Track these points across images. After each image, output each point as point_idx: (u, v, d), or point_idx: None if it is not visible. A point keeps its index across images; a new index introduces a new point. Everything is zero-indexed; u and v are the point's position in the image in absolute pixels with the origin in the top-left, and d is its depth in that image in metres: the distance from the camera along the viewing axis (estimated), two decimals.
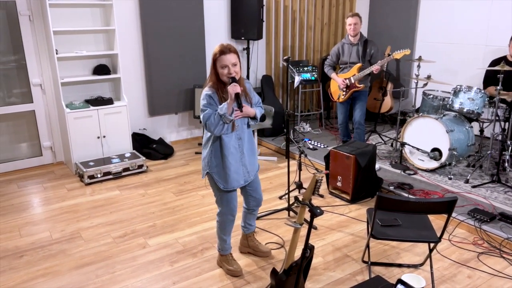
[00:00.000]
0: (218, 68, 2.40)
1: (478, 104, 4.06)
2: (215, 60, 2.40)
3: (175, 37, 5.15)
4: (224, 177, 2.56)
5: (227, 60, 2.36)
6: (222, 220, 2.71)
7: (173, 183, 4.32)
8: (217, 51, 2.39)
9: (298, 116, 6.19)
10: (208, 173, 2.60)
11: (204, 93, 2.44)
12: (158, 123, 5.41)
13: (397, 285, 1.28)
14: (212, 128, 2.35)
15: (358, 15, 4.60)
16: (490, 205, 3.57)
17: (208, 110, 2.37)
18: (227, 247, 2.81)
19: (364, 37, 4.71)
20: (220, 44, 2.42)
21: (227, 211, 2.68)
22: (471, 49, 5.27)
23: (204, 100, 2.41)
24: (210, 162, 2.56)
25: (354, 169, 3.78)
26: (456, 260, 2.96)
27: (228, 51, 2.37)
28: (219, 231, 2.76)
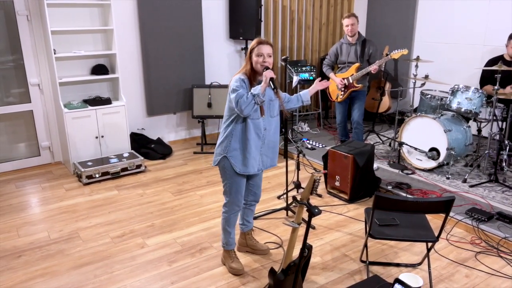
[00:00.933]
0: (254, 56, 2.50)
1: (476, 104, 4.07)
2: (252, 50, 2.51)
3: (173, 36, 5.15)
4: (242, 161, 2.60)
5: (264, 50, 2.48)
6: (229, 210, 2.74)
7: (171, 183, 4.32)
8: (255, 41, 2.52)
9: (296, 116, 6.19)
10: (223, 158, 2.61)
11: (236, 76, 2.54)
12: (156, 123, 5.40)
13: (395, 285, 1.28)
14: (243, 107, 2.41)
15: (354, 16, 4.62)
16: (488, 204, 3.58)
17: (241, 90, 2.46)
18: (232, 241, 2.83)
19: (362, 37, 4.72)
20: (257, 38, 2.57)
21: (235, 201, 2.71)
22: (469, 49, 5.28)
23: (237, 82, 2.49)
24: (228, 146, 2.58)
25: (352, 168, 3.78)
26: (454, 259, 2.96)
27: (266, 42, 2.51)
28: (224, 223, 2.78)
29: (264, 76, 2.42)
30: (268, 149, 2.70)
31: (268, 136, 2.67)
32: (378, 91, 5.88)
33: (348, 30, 4.61)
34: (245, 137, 2.57)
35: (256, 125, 2.58)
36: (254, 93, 2.39)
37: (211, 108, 5.26)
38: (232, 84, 2.51)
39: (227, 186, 2.70)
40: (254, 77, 2.55)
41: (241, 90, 2.45)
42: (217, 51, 5.67)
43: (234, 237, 2.85)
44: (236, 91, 2.44)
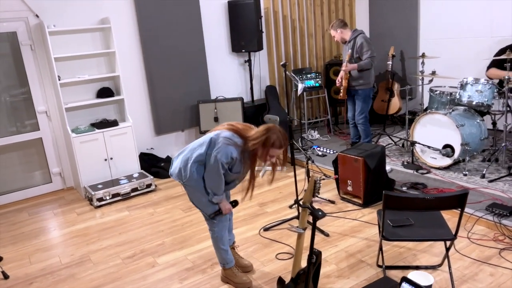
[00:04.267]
0: (265, 152, 2.40)
1: (487, 96, 3.94)
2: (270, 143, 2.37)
3: (176, 54, 5.17)
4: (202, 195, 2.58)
5: (277, 153, 2.43)
6: (219, 229, 2.65)
7: (182, 200, 4.28)
8: (278, 144, 2.38)
9: (305, 123, 6.12)
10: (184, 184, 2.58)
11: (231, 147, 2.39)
12: (165, 142, 5.40)
13: (402, 283, 1.19)
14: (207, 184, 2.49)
15: (333, 27, 4.71)
16: (509, 198, 3.42)
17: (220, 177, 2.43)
18: (230, 258, 2.74)
19: (356, 33, 4.66)
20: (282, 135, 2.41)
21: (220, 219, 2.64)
22: (476, 42, 5.15)
23: (226, 159, 2.38)
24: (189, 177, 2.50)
25: (364, 171, 3.68)
26: (477, 258, 2.81)
27: (282, 146, 2.41)
28: (217, 243, 2.69)
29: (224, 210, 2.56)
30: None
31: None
32: (387, 93, 5.77)
33: (336, 40, 4.81)
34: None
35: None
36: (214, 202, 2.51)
37: (218, 122, 5.23)
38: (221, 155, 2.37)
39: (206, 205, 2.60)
40: (255, 160, 2.45)
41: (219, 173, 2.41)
42: (221, 65, 5.67)
43: (231, 253, 2.77)
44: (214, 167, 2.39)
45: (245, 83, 5.93)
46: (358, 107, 4.77)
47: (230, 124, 2.53)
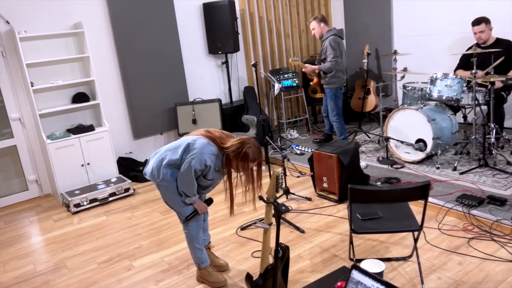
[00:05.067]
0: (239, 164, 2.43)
1: (456, 90, 4.03)
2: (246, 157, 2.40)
3: (152, 58, 5.17)
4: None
5: (251, 165, 2.46)
6: (192, 228, 2.66)
7: (161, 203, 4.27)
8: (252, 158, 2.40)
9: (284, 123, 6.17)
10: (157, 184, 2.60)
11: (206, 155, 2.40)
12: (144, 145, 5.38)
13: (352, 271, 1.22)
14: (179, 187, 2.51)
15: (314, 19, 4.78)
16: (479, 189, 3.51)
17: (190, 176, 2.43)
18: (205, 257, 2.75)
19: (328, 34, 4.75)
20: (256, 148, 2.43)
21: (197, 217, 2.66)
22: (447, 38, 5.26)
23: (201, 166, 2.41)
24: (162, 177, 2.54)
25: (338, 168, 3.73)
26: (446, 248, 2.88)
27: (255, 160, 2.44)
28: (192, 243, 2.70)
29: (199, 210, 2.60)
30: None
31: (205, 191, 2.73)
32: (363, 90, 5.86)
33: (313, 34, 4.86)
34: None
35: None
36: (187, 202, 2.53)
37: (196, 124, 5.24)
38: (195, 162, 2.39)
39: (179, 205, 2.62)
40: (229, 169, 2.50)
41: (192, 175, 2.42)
42: (198, 67, 5.69)
43: (206, 253, 2.78)
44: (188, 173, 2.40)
45: (223, 85, 5.95)
46: (329, 105, 4.92)
47: (207, 131, 2.55)
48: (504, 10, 4.65)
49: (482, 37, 4.20)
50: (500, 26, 4.58)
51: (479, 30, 4.20)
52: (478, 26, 4.20)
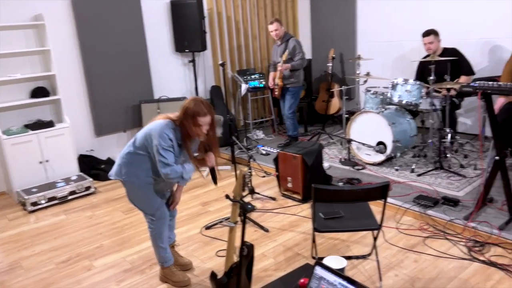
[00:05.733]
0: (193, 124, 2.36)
1: (415, 95, 4.21)
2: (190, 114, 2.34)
3: (117, 54, 5.06)
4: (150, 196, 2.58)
5: (205, 121, 2.36)
6: (157, 226, 2.64)
7: (123, 202, 4.19)
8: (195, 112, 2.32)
9: (250, 123, 6.20)
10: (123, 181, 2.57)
11: (163, 130, 2.35)
12: (106, 143, 5.25)
13: (315, 267, 1.26)
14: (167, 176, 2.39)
15: (277, 21, 4.91)
16: (434, 191, 3.68)
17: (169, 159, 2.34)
18: (168, 256, 2.73)
19: (288, 36, 4.99)
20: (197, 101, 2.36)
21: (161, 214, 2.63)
22: (408, 45, 5.48)
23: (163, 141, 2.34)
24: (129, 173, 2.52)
25: (302, 168, 3.80)
26: (403, 246, 3.01)
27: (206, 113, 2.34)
28: (156, 241, 2.68)
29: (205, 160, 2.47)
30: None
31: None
32: (327, 93, 5.99)
33: (273, 35, 4.98)
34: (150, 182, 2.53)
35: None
36: (186, 178, 2.39)
37: None
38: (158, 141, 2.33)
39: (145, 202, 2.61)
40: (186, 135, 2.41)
41: (169, 158, 2.34)
42: (164, 65, 5.62)
43: (170, 252, 2.76)
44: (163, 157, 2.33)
45: (190, 83, 5.91)
46: (288, 103, 5.11)
47: (160, 115, 2.54)
48: (458, 20, 4.91)
49: (431, 48, 4.43)
50: (455, 34, 4.83)
51: (429, 41, 4.43)
52: (427, 37, 4.43)
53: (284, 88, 5.08)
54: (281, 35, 4.98)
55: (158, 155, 2.36)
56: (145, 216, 2.67)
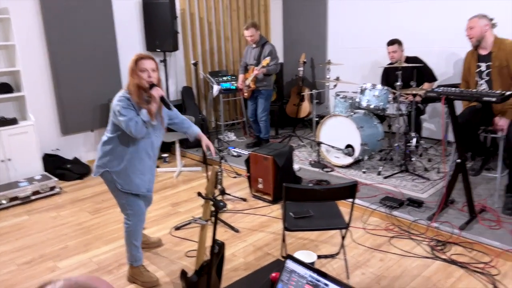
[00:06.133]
0: (137, 72, 2.42)
1: (383, 100, 4.34)
2: (133, 65, 2.43)
3: (86, 51, 4.94)
4: (125, 179, 2.52)
5: (147, 65, 2.41)
6: (134, 222, 2.62)
7: (89, 202, 4.09)
8: (136, 57, 2.45)
9: (222, 125, 6.20)
10: (106, 172, 2.52)
11: (120, 95, 2.43)
12: (72, 142, 5.11)
13: (287, 260, 1.29)
14: (135, 132, 2.38)
15: (252, 26, 4.97)
16: (400, 192, 3.81)
17: (129, 114, 2.37)
18: (140, 255, 2.70)
19: (263, 40, 5.08)
20: (138, 54, 2.48)
21: (137, 211, 2.62)
22: (375, 52, 5.64)
23: (121, 102, 2.39)
24: (111, 162, 2.50)
25: (273, 169, 3.84)
26: (370, 246, 3.09)
27: (148, 57, 2.45)
28: (129, 237, 2.64)
29: (152, 96, 2.41)
30: (154, 167, 2.67)
31: (156, 153, 2.65)
32: (298, 97, 6.08)
33: (249, 41, 5.06)
34: (133, 158, 2.50)
35: (147, 144, 2.54)
36: (145, 120, 2.38)
37: None
38: (116, 104, 2.40)
39: (123, 201, 2.59)
40: (139, 94, 2.44)
41: (130, 113, 2.37)
42: None
43: (141, 252, 2.73)
44: (123, 115, 2.36)
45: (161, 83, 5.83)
46: (261, 106, 5.18)
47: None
48: (422, 30, 5.11)
49: (394, 57, 4.59)
50: (419, 43, 5.03)
51: (392, 50, 4.60)
52: (392, 46, 4.60)
53: (256, 90, 5.14)
54: (257, 39, 5.03)
55: (120, 116, 2.38)
56: (122, 212, 2.65)
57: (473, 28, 3.46)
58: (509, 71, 3.30)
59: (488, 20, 3.44)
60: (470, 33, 3.49)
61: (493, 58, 3.41)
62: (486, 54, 3.48)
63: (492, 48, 3.43)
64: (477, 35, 3.45)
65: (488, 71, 3.46)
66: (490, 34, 3.45)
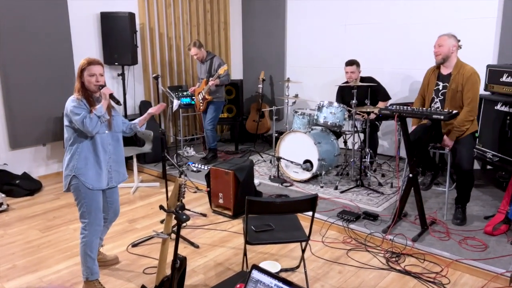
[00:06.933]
0: (86, 76, 2.56)
1: (339, 117, 4.50)
2: (82, 70, 2.56)
3: (39, 61, 4.77)
4: (92, 176, 2.57)
5: (96, 70, 2.56)
6: (90, 232, 2.58)
7: (39, 220, 3.89)
8: (85, 62, 2.58)
9: (181, 140, 6.14)
10: (73, 177, 2.55)
11: (72, 98, 2.57)
12: (22, 156, 4.86)
13: (252, 270, 1.30)
14: (91, 128, 2.47)
15: (194, 45, 5.14)
16: (356, 206, 3.93)
17: (83, 112, 2.48)
18: (96, 268, 2.63)
19: (211, 55, 5.27)
20: (87, 58, 2.61)
21: (95, 220, 2.60)
22: (333, 71, 5.85)
23: (74, 103, 2.52)
24: (76, 165, 2.54)
25: (234, 184, 3.84)
26: (329, 259, 3.15)
27: (96, 62, 2.59)
28: (85, 249, 2.58)
29: (103, 94, 2.56)
30: (116, 164, 2.74)
31: (114, 151, 2.72)
32: (257, 113, 6.16)
33: (196, 58, 5.25)
34: (92, 153, 2.60)
35: (102, 139, 2.63)
36: (98, 115, 2.50)
37: None
38: (69, 105, 2.53)
39: (84, 207, 2.60)
40: (89, 96, 2.60)
41: (83, 111, 2.49)
42: None
43: (97, 265, 2.66)
44: (77, 114, 2.47)
45: (118, 97, 5.70)
46: (209, 115, 5.34)
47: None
48: (374, 50, 5.39)
49: (352, 77, 4.77)
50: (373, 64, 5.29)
51: (351, 70, 4.78)
52: (350, 67, 4.78)
53: (209, 102, 5.28)
54: (203, 56, 5.23)
55: (74, 115, 2.48)
56: (81, 220, 2.63)
57: (442, 46, 3.48)
58: (461, 96, 3.41)
59: (456, 41, 3.50)
60: (438, 50, 3.51)
61: (451, 80, 3.47)
62: (446, 74, 3.54)
63: (453, 70, 3.49)
64: (444, 53, 3.48)
65: (444, 91, 3.54)
66: (455, 55, 3.51)
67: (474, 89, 3.39)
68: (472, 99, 3.39)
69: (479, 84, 3.43)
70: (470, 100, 3.39)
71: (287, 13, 6.27)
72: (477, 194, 4.10)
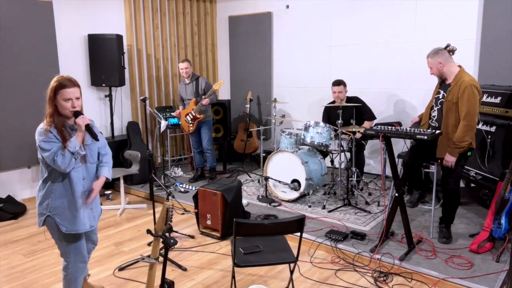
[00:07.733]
0: (60, 101, 2.27)
1: (325, 137, 4.55)
2: (55, 93, 2.27)
3: (25, 82, 4.76)
4: (69, 219, 2.37)
5: (71, 94, 2.27)
6: (73, 270, 2.46)
7: (24, 244, 3.81)
8: (57, 84, 2.26)
9: (168, 161, 6.12)
10: (48, 217, 2.35)
11: (40, 129, 2.27)
12: (6, 179, 4.79)
13: None
14: (63, 166, 2.22)
15: (187, 60, 5.23)
16: (344, 225, 3.95)
17: (53, 148, 2.21)
18: None
19: (196, 76, 5.34)
20: (59, 76, 2.30)
21: (78, 259, 2.46)
22: (318, 91, 5.95)
23: (42, 136, 2.23)
24: (50, 204, 2.35)
25: (222, 205, 3.84)
26: (317, 279, 3.15)
27: (72, 84, 2.28)
28: (69, 285, 2.48)
29: (78, 125, 2.28)
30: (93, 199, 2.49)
31: (90, 186, 2.45)
32: (245, 133, 6.20)
33: (183, 73, 5.26)
34: (69, 192, 2.35)
35: (79, 174, 2.37)
36: (72, 151, 2.23)
37: None
38: (37, 139, 2.25)
39: (63, 247, 2.42)
40: (62, 123, 2.31)
41: (53, 146, 2.21)
42: None
43: None
44: (47, 151, 2.20)
45: (105, 118, 5.72)
46: (206, 136, 5.38)
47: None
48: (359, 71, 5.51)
49: (339, 97, 4.86)
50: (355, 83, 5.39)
51: (338, 90, 4.86)
52: (338, 87, 4.86)
53: (200, 122, 5.30)
54: (190, 73, 5.28)
55: (43, 151, 2.22)
56: (62, 257, 2.49)
57: (431, 68, 3.55)
58: (457, 108, 3.37)
59: (441, 55, 3.47)
60: (431, 72, 3.58)
61: (449, 91, 3.45)
62: (447, 84, 3.51)
63: (452, 81, 3.43)
64: (436, 73, 3.53)
65: (443, 100, 3.52)
66: (448, 68, 3.47)
67: (469, 102, 3.26)
68: (467, 112, 3.26)
69: (477, 97, 3.28)
70: (465, 113, 3.27)
71: (273, 35, 6.39)
72: (462, 212, 4.16)
